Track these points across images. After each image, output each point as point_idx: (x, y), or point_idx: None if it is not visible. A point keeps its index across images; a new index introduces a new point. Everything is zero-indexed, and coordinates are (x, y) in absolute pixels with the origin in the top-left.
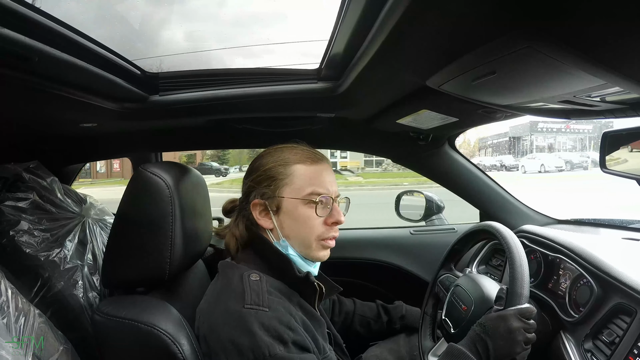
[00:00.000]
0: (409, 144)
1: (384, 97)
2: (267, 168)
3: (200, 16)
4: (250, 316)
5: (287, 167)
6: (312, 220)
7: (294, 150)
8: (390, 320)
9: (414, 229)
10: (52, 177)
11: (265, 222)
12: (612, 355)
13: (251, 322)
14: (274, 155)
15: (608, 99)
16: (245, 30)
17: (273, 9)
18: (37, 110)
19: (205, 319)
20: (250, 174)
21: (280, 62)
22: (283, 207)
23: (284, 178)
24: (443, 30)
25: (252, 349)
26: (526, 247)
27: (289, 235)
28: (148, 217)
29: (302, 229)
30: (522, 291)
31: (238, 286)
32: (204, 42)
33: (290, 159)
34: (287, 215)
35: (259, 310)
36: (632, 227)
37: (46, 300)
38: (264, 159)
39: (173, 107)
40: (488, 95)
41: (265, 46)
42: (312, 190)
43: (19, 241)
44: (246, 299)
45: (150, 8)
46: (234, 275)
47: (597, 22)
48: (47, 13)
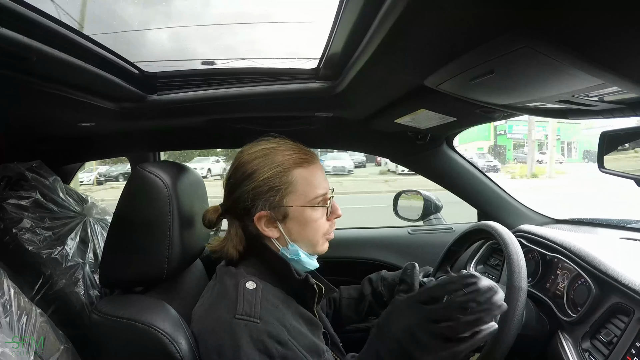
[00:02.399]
0: (407, 144)
1: (382, 96)
2: (267, 177)
3: (198, 15)
4: (239, 327)
5: (288, 175)
6: (318, 221)
7: (284, 151)
8: (374, 290)
9: (412, 229)
10: (55, 177)
11: (272, 232)
12: (610, 355)
13: (239, 334)
14: (265, 160)
15: (606, 98)
16: (245, 30)
17: (272, 9)
18: (35, 109)
19: (197, 323)
20: (243, 184)
21: (278, 62)
22: (290, 215)
23: (287, 186)
24: (441, 29)
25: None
26: (524, 246)
27: (297, 239)
28: (146, 216)
29: (310, 231)
30: (520, 284)
31: (232, 294)
32: (200, 42)
33: (287, 164)
34: (295, 222)
35: (250, 321)
36: (630, 227)
37: (48, 297)
38: (256, 166)
39: (171, 106)
40: (486, 94)
41: (261, 46)
42: (316, 193)
43: (21, 239)
44: (238, 309)
45: (149, 8)
46: (231, 282)
47: (594, 21)
48: (45, 12)
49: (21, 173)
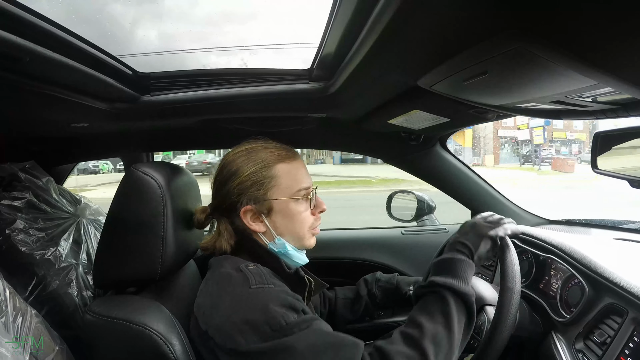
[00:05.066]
0: (400, 145)
1: (376, 97)
2: (250, 172)
3: (195, 15)
4: (259, 294)
5: (271, 169)
6: (302, 214)
7: (267, 149)
8: (370, 292)
9: (405, 229)
10: (48, 177)
11: (258, 226)
12: (604, 355)
13: (262, 298)
14: (249, 157)
15: (600, 99)
16: (238, 30)
17: (266, 10)
18: (28, 110)
19: (210, 312)
20: (228, 181)
21: (272, 63)
22: (275, 208)
23: (270, 180)
24: (434, 30)
25: (268, 322)
26: (517, 247)
27: (283, 233)
28: (140, 217)
29: (295, 224)
30: (513, 285)
31: (238, 275)
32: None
33: (270, 159)
34: (280, 215)
35: (266, 287)
36: (623, 227)
37: (41, 298)
38: (240, 163)
39: (164, 107)
40: (479, 95)
41: (256, 46)
42: (299, 186)
43: (14, 240)
44: (251, 282)
45: (143, 6)
46: (232, 266)
47: (587, 22)
48: (38, 12)
49: (14, 174)
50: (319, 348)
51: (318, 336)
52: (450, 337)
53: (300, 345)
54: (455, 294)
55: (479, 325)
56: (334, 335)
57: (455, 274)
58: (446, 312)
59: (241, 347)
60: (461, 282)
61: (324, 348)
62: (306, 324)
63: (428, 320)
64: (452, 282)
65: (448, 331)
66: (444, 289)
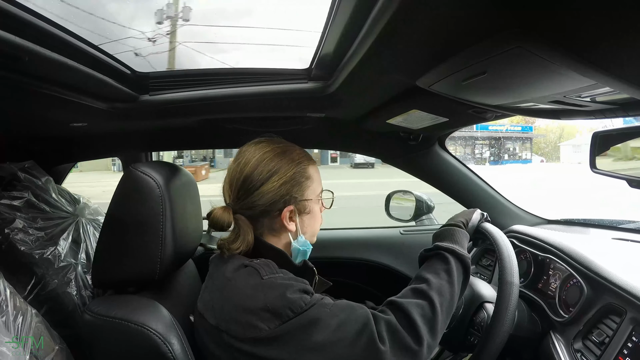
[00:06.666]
0: (399, 144)
1: (374, 97)
2: (294, 173)
3: (195, 15)
4: (274, 282)
5: (307, 170)
6: (320, 213)
7: (295, 149)
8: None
9: (404, 229)
10: (47, 177)
11: (291, 226)
12: (602, 355)
13: (277, 287)
14: (286, 157)
15: (598, 99)
16: (237, 30)
17: (265, 10)
18: (27, 109)
19: (222, 305)
20: (267, 182)
21: (271, 62)
22: (307, 209)
23: (305, 181)
24: (433, 30)
25: (289, 306)
26: (516, 247)
27: (307, 231)
28: (138, 216)
29: (316, 222)
30: (512, 279)
31: (247, 268)
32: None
33: (303, 161)
34: (308, 215)
35: (277, 275)
36: (621, 227)
37: (40, 297)
38: (280, 163)
39: (163, 107)
40: (478, 95)
41: (256, 45)
42: (321, 187)
43: (13, 239)
44: (262, 273)
45: (141, 4)
46: (237, 263)
47: (586, 22)
48: (37, 12)
49: (14, 173)
50: (337, 313)
51: (333, 305)
52: (451, 290)
53: (322, 314)
54: (455, 256)
55: (479, 322)
56: (343, 301)
57: (454, 240)
58: (448, 270)
59: (263, 333)
60: (459, 246)
61: (340, 311)
62: (321, 299)
63: (434, 277)
64: (453, 246)
65: (450, 285)
66: (446, 252)
